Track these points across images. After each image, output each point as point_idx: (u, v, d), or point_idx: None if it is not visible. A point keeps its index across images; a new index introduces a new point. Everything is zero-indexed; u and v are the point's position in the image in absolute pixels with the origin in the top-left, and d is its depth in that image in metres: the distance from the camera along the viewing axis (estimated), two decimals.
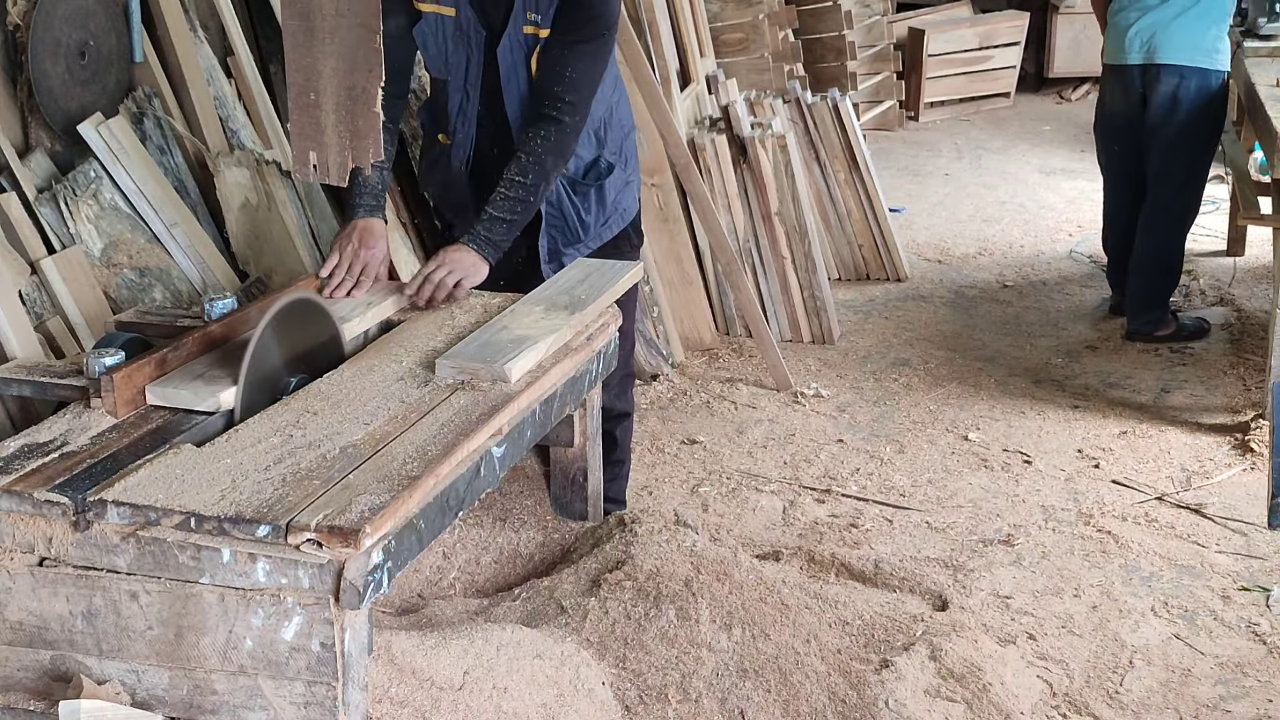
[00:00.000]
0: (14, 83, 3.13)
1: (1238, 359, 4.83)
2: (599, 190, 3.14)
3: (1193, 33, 4.78)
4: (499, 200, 2.91)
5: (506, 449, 2.39)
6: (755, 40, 6.56)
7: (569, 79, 2.92)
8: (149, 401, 2.35)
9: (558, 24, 2.91)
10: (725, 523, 3.65)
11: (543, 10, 2.92)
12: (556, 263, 3.13)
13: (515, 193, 2.91)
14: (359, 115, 2.46)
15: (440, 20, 2.99)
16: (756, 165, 4.99)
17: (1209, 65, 4.80)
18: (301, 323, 2.56)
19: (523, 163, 2.92)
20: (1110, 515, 3.70)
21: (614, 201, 3.19)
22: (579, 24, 2.91)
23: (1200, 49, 4.78)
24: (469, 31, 2.97)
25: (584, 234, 3.15)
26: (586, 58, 2.94)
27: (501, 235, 2.91)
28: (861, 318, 5.36)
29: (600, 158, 3.14)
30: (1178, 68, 4.80)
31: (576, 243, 3.15)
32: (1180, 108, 4.83)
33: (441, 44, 3.00)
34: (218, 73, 3.66)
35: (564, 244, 3.14)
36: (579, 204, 3.12)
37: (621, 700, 2.45)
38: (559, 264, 3.12)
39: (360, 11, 2.39)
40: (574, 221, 3.13)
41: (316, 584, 1.92)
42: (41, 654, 2.06)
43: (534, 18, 2.92)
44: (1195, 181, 4.99)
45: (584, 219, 3.13)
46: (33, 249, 3.00)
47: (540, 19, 2.92)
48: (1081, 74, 9.62)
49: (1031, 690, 2.81)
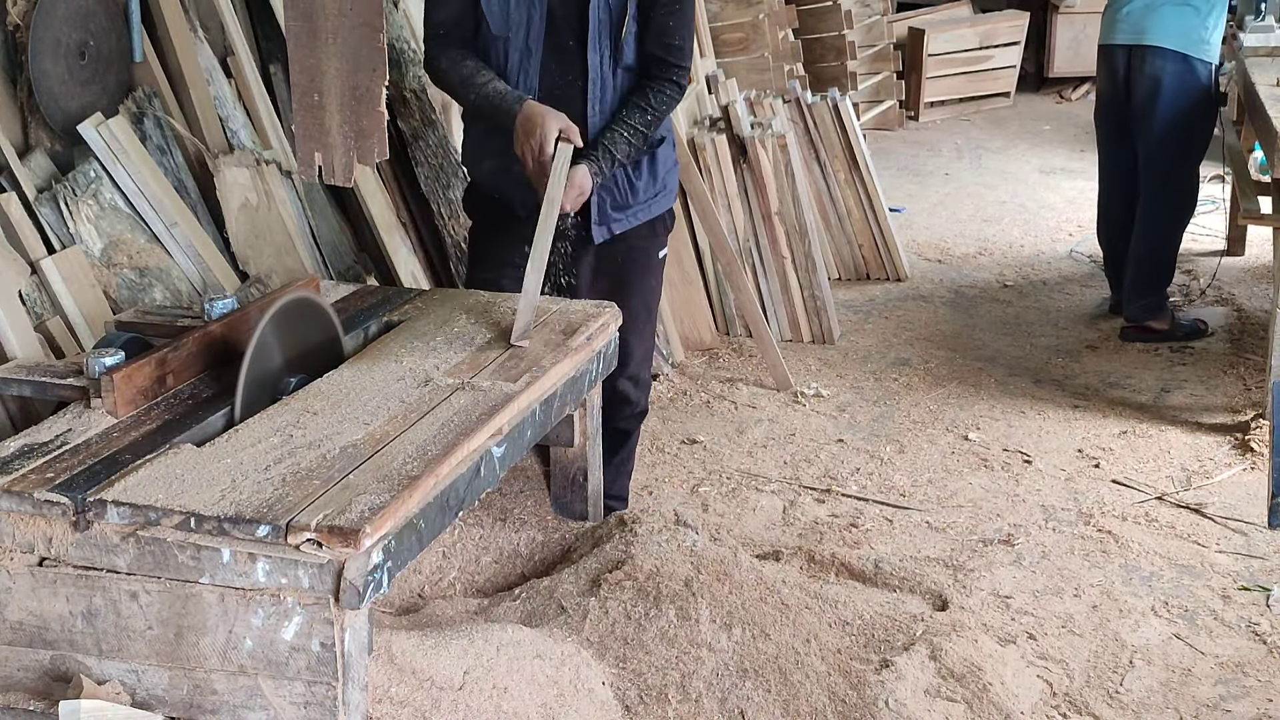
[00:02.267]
0: (14, 83, 3.13)
1: (1238, 359, 4.83)
2: (651, 160, 3.20)
3: (1183, 19, 4.77)
4: (620, 142, 3.05)
5: (506, 449, 2.39)
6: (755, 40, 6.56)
7: (676, 45, 3.09)
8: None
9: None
10: (725, 523, 3.65)
11: None
12: (605, 226, 3.17)
13: (635, 140, 3.07)
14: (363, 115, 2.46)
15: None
16: (756, 165, 4.99)
17: (1195, 54, 4.78)
18: (301, 323, 2.56)
19: (646, 116, 3.07)
20: (1110, 515, 3.70)
21: (664, 176, 3.26)
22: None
23: (1187, 36, 4.77)
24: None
25: (633, 198, 3.19)
26: (686, 20, 3.11)
27: (610, 171, 3.07)
28: (861, 318, 5.36)
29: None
30: (1162, 50, 4.78)
31: (625, 208, 3.19)
32: (1163, 93, 4.81)
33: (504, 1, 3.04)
34: (218, 73, 3.66)
35: (613, 207, 3.17)
36: (630, 169, 3.16)
37: (621, 700, 2.45)
38: (608, 228, 3.17)
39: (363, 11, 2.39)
40: (624, 186, 3.16)
41: (316, 584, 1.92)
42: (41, 654, 2.06)
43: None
44: (1183, 173, 4.96)
45: (634, 184, 3.18)
46: (33, 249, 3.00)
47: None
48: (1082, 74, 9.61)
49: (1031, 690, 2.81)
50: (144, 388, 2.36)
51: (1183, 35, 4.77)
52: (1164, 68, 4.79)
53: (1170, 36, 4.78)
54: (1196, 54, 4.78)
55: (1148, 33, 4.81)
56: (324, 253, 3.75)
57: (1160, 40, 4.79)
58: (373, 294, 3.02)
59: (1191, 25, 4.77)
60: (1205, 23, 4.79)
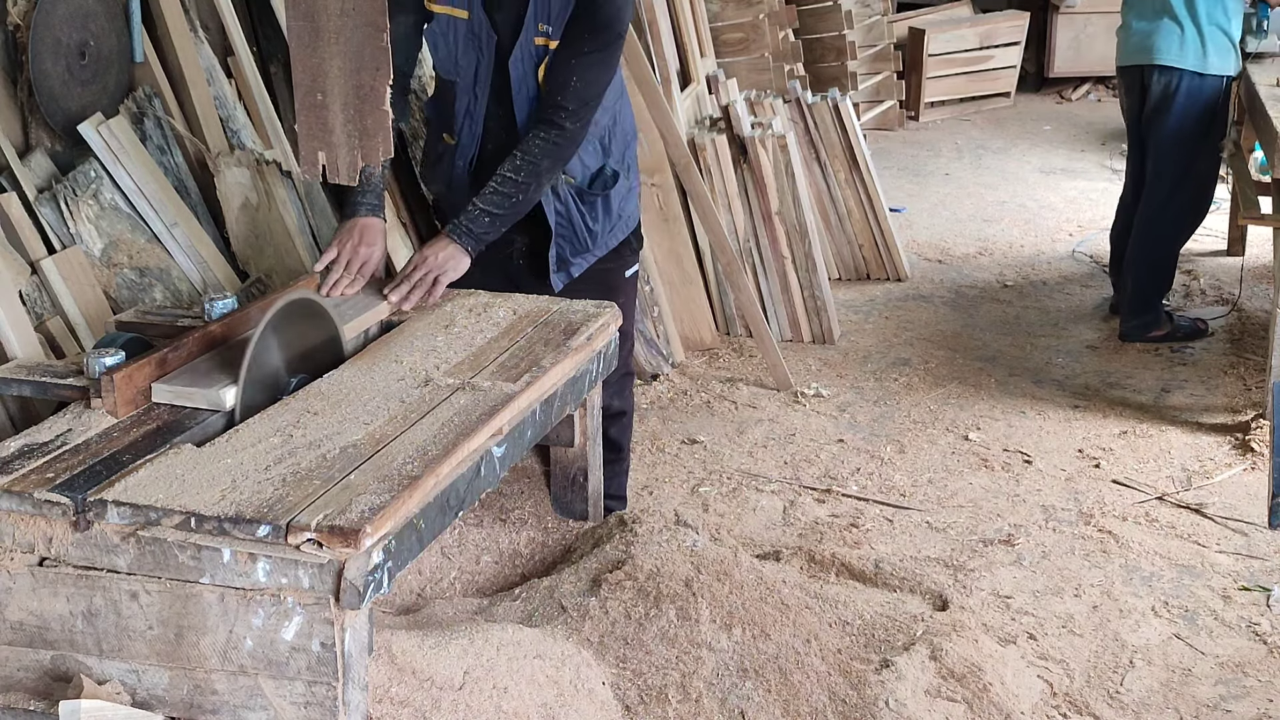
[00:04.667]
0: (14, 83, 3.13)
1: (1238, 359, 4.83)
2: (605, 200, 3.16)
3: (1189, 36, 4.79)
4: (488, 194, 2.94)
5: (506, 449, 2.39)
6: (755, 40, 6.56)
7: (574, 87, 2.94)
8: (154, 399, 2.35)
9: (569, 33, 2.92)
10: (725, 523, 3.65)
11: (554, 21, 2.92)
12: (565, 272, 3.16)
13: (506, 189, 2.93)
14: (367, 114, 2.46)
15: (452, 22, 3.00)
16: (756, 165, 4.99)
17: (1201, 69, 4.80)
18: (301, 323, 2.56)
19: (517, 162, 2.94)
20: (1111, 515, 3.71)
21: (619, 209, 3.21)
22: (591, 32, 2.92)
23: (1192, 53, 4.79)
24: (480, 35, 2.98)
25: (592, 243, 3.17)
26: (594, 67, 2.95)
27: (484, 229, 2.93)
28: (862, 317, 5.36)
29: (605, 165, 3.16)
30: (1168, 69, 4.82)
31: (585, 252, 3.17)
32: (1171, 110, 4.85)
33: (452, 46, 3.02)
34: (218, 73, 3.66)
35: (572, 254, 3.16)
36: (586, 213, 3.13)
37: (621, 700, 2.45)
38: (567, 274, 3.16)
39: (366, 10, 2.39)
40: (583, 231, 3.14)
41: (317, 584, 1.92)
42: (41, 654, 2.06)
43: (545, 29, 2.93)
44: (1189, 186, 4.98)
45: (592, 228, 3.15)
46: (33, 249, 3.00)
47: (551, 30, 2.93)
48: (1082, 74, 9.62)
49: (1032, 690, 2.81)
50: (144, 388, 2.36)
51: (1186, 52, 4.80)
52: (1172, 85, 4.83)
53: (1173, 55, 4.81)
54: (1202, 69, 4.80)
55: (1152, 52, 4.86)
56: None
57: (1164, 60, 4.83)
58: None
59: (1198, 41, 4.79)
60: (1213, 37, 4.80)
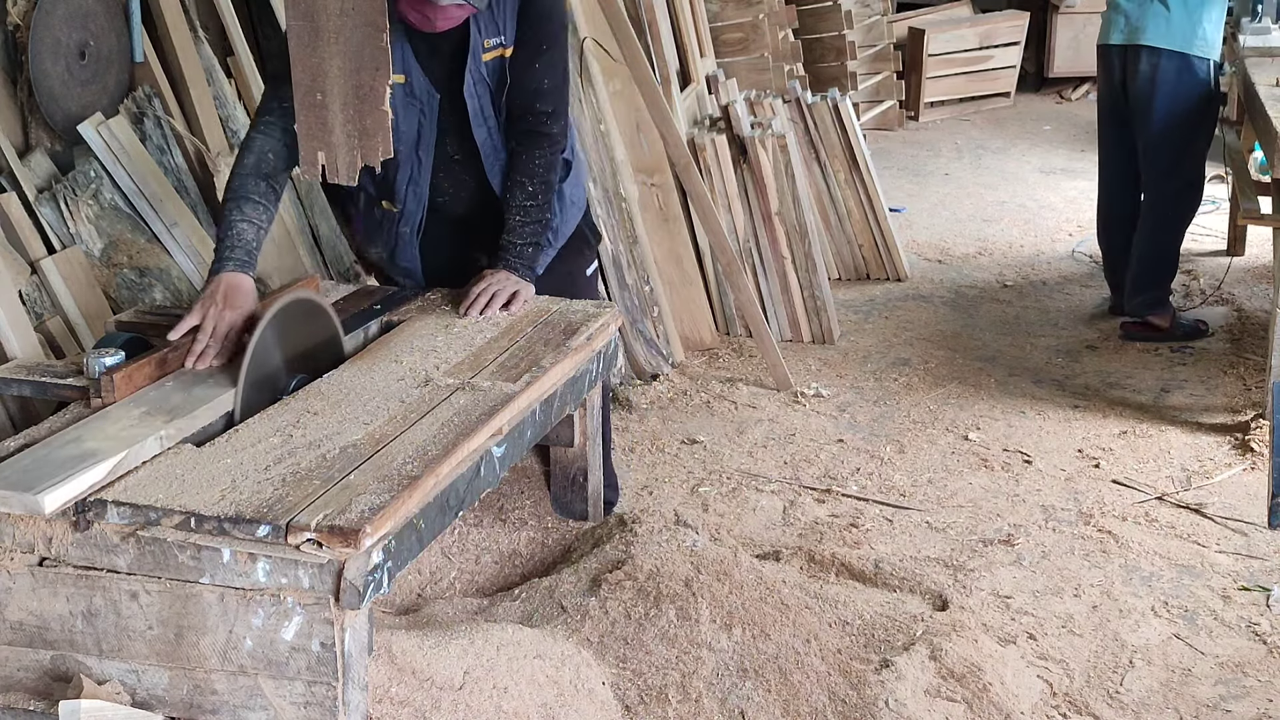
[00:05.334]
0: (14, 83, 3.13)
1: (1238, 359, 4.83)
2: (560, 193, 3.11)
3: (1177, 17, 4.77)
4: (520, 228, 2.95)
5: (506, 449, 2.39)
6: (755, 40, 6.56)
7: (545, 89, 2.92)
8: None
9: (520, 35, 2.88)
10: (725, 523, 3.65)
11: (505, 26, 2.87)
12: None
13: (533, 216, 2.95)
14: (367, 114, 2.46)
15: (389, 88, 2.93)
16: (756, 165, 4.99)
17: (1190, 51, 4.77)
18: (301, 323, 2.56)
19: (530, 188, 2.94)
20: (1110, 515, 3.70)
21: (570, 196, 3.16)
22: (536, 27, 2.88)
23: (1182, 34, 4.77)
24: (421, 96, 2.88)
25: (554, 238, 3.12)
26: (555, 63, 2.94)
27: (532, 258, 2.98)
28: (861, 318, 5.36)
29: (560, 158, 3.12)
30: (1156, 50, 4.78)
31: (547, 247, 3.11)
32: (1159, 92, 4.81)
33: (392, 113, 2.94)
34: (218, 73, 3.66)
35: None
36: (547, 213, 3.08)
37: (621, 700, 2.45)
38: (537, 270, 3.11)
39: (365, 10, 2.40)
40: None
41: (316, 584, 1.92)
42: (41, 654, 2.06)
43: (495, 41, 2.87)
44: (1184, 171, 4.95)
45: (552, 223, 3.09)
46: (33, 249, 3.00)
47: (504, 38, 2.87)
48: (1082, 74, 9.61)
49: (1031, 690, 2.81)
50: (144, 388, 2.36)
51: (1176, 32, 4.77)
52: (1160, 66, 4.79)
53: (1165, 35, 4.78)
54: (1193, 51, 4.78)
55: (1141, 32, 4.82)
56: (324, 253, 3.75)
57: (1155, 39, 4.80)
58: (372, 294, 3.02)
59: (1187, 22, 4.77)
60: (1201, 20, 4.78)
